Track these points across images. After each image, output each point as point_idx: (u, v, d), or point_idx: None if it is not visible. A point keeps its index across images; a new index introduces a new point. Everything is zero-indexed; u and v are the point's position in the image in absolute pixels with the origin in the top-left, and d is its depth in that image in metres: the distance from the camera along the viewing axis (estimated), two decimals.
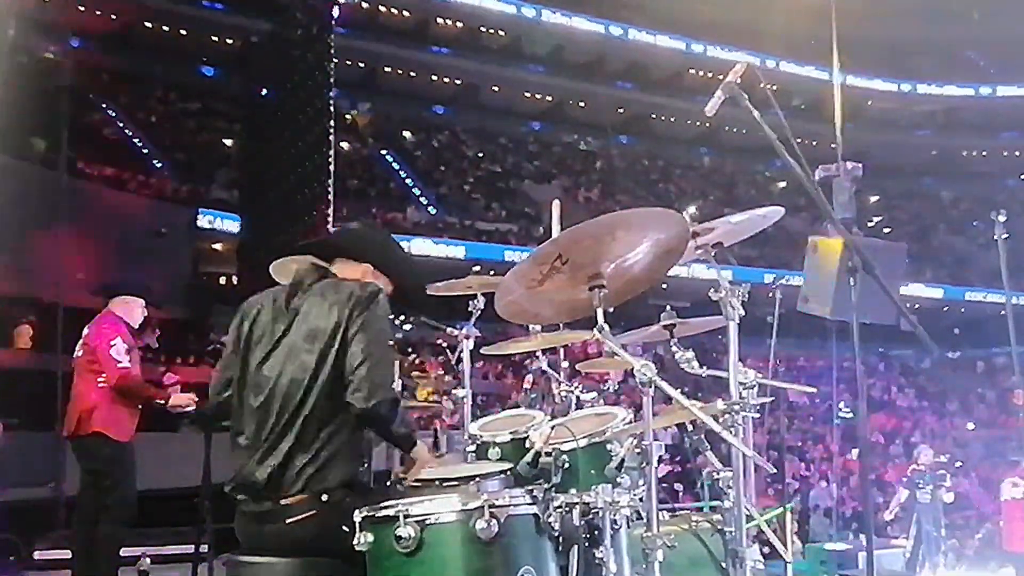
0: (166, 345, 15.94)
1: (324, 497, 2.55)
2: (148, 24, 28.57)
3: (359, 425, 2.60)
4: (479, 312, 3.91)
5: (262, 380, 2.66)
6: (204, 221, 21.25)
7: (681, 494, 12.36)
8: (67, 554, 5.63)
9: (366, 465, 2.93)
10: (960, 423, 24.83)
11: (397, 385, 3.52)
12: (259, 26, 22.44)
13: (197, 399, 5.67)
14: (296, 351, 2.63)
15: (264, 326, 2.73)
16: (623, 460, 2.66)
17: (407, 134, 32.87)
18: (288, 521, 2.54)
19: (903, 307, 2.92)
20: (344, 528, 2.38)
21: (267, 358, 2.68)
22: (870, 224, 32.59)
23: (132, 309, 5.60)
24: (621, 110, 36.91)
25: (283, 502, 2.55)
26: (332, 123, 12.58)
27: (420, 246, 24.61)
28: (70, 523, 5.74)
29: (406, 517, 2.28)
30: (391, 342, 2.69)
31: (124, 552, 5.48)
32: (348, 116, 29.14)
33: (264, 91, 14.77)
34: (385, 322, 2.65)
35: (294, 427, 2.57)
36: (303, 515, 2.54)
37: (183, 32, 29.09)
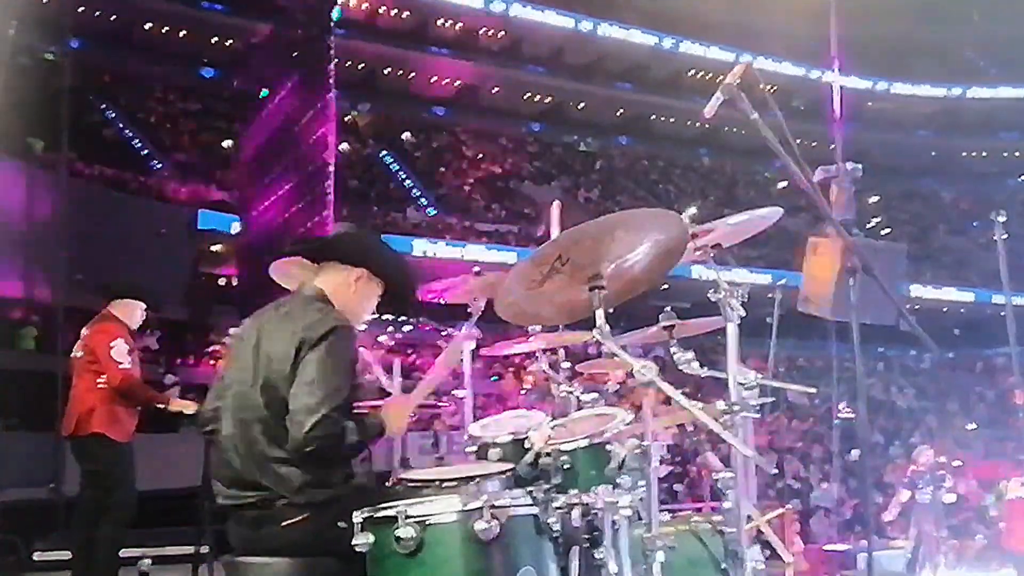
0: (166, 345, 15.97)
1: (317, 500, 2.56)
2: (148, 25, 28.59)
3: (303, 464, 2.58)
4: (479, 313, 3.91)
5: (237, 393, 2.72)
6: (204, 222, 21.25)
7: (680, 495, 12.34)
8: (67, 555, 5.64)
9: (365, 464, 2.92)
10: (960, 423, 24.81)
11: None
12: (259, 27, 22.46)
13: (197, 402, 5.67)
14: (260, 370, 2.67)
15: (244, 339, 2.79)
16: (623, 461, 2.65)
17: (407, 135, 32.88)
18: (283, 525, 2.56)
19: (902, 307, 2.92)
20: (340, 526, 2.39)
21: (240, 372, 2.73)
22: (869, 225, 32.60)
23: (132, 311, 5.60)
24: (621, 111, 36.94)
25: (276, 506, 2.58)
26: (332, 124, 12.59)
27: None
28: (70, 524, 5.74)
29: (406, 518, 2.28)
30: (338, 376, 2.60)
31: (124, 553, 5.49)
32: (348, 117, 29.15)
33: (264, 92, 14.79)
34: (337, 360, 2.60)
35: (274, 439, 2.61)
36: (297, 519, 2.56)
37: (183, 33, 29.11)
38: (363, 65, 30.87)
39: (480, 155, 33.35)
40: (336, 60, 12.84)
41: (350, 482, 2.68)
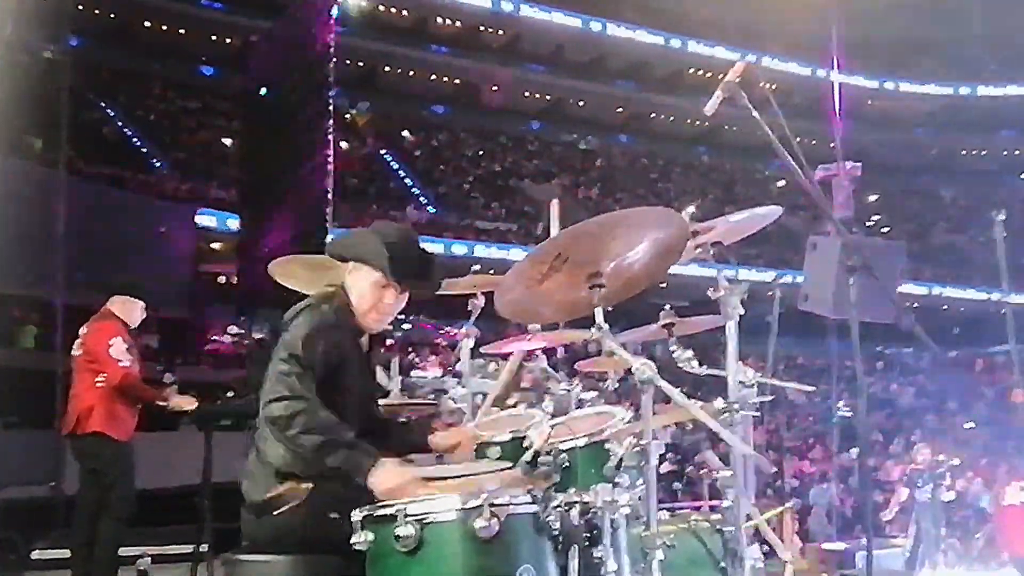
0: (165, 344, 15.96)
1: (307, 489, 2.58)
2: (147, 23, 28.62)
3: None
4: (478, 311, 3.91)
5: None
6: (203, 220, 21.26)
7: (680, 493, 12.33)
8: (66, 553, 5.63)
9: None
10: (959, 422, 24.80)
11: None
12: (258, 25, 22.46)
13: (197, 400, 5.67)
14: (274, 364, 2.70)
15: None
16: (622, 459, 2.65)
17: (406, 133, 32.88)
18: (275, 513, 2.59)
19: (902, 305, 2.92)
20: (335, 516, 2.40)
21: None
22: (869, 223, 32.62)
23: (132, 309, 5.60)
24: (620, 109, 36.93)
25: (268, 495, 2.61)
26: (331, 122, 12.55)
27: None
28: (69, 522, 5.74)
29: (405, 516, 2.28)
30: (285, 363, 2.58)
31: (123, 551, 5.48)
32: (348, 115, 29.15)
33: (263, 90, 14.75)
34: (285, 347, 2.60)
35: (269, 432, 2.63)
36: (288, 505, 2.58)
37: (182, 31, 29.14)
38: (363, 63, 30.86)
39: (480, 153, 33.35)
40: (335, 58, 12.78)
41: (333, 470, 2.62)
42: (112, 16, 27.32)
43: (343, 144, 26.20)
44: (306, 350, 2.60)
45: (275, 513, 2.59)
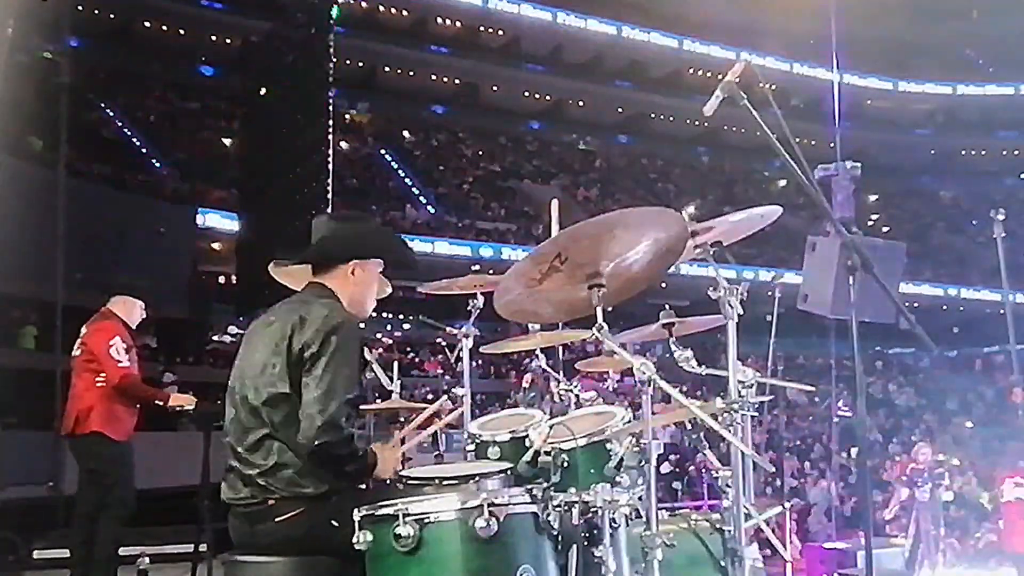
0: (165, 344, 15.97)
1: (308, 494, 2.58)
2: (147, 23, 28.63)
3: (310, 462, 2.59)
4: (478, 311, 3.91)
5: (239, 390, 2.75)
6: (203, 220, 21.26)
7: (680, 493, 12.34)
8: (66, 553, 5.62)
9: None
10: (959, 421, 24.81)
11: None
12: (258, 25, 22.47)
13: (196, 399, 5.67)
14: (263, 365, 2.69)
15: (249, 338, 2.83)
16: (622, 459, 2.65)
17: (406, 133, 32.89)
18: (277, 520, 2.58)
19: (902, 306, 2.92)
20: (334, 524, 2.40)
21: (244, 369, 2.76)
22: (869, 223, 32.62)
23: (131, 309, 5.60)
24: (620, 109, 36.94)
25: (270, 502, 2.59)
26: (331, 122, 12.56)
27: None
28: (69, 522, 5.74)
29: (405, 516, 2.28)
30: (349, 371, 2.63)
31: (123, 551, 5.47)
32: (347, 115, 29.15)
33: (263, 90, 14.75)
34: (347, 354, 2.63)
35: (267, 435, 2.64)
36: (290, 514, 2.57)
37: (182, 31, 29.14)
38: (363, 64, 30.87)
39: (479, 154, 33.35)
40: (336, 59, 12.79)
41: (345, 480, 2.68)
42: (112, 16, 27.32)
43: (343, 144, 26.21)
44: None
45: (276, 520, 2.57)
